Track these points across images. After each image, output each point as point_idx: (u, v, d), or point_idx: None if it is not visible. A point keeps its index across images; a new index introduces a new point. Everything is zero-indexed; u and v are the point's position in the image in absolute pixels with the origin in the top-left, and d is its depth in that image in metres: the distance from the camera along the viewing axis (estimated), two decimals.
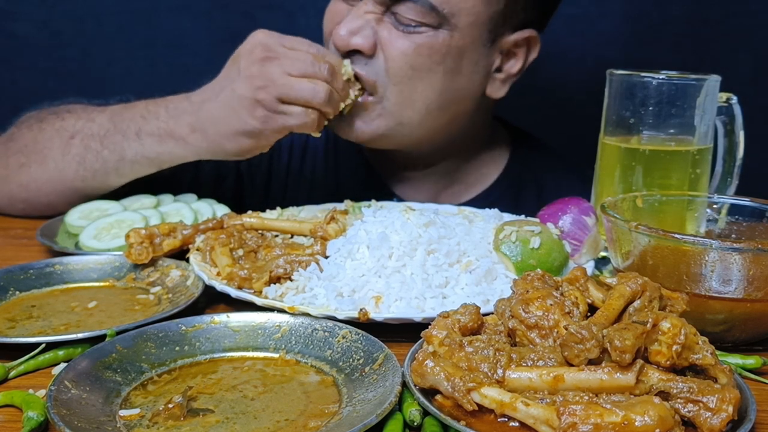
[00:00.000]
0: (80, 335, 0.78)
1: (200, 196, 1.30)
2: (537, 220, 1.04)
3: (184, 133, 1.19)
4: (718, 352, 0.69)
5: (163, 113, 1.21)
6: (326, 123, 1.22)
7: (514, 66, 1.35)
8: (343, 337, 0.79)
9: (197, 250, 1.02)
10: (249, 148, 1.19)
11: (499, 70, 1.34)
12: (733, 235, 0.99)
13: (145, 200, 1.26)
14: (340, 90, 1.19)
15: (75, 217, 1.20)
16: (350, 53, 1.24)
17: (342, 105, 1.21)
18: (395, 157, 1.44)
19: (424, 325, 0.74)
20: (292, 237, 1.07)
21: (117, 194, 1.28)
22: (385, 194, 1.44)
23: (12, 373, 0.75)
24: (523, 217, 1.10)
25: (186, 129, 1.19)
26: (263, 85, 1.12)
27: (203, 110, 1.17)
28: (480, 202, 1.44)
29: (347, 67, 1.21)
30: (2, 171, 1.32)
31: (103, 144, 1.24)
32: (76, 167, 1.26)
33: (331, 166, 1.53)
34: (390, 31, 1.23)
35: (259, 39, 1.14)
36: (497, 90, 1.36)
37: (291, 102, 1.13)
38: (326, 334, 0.80)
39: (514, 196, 1.48)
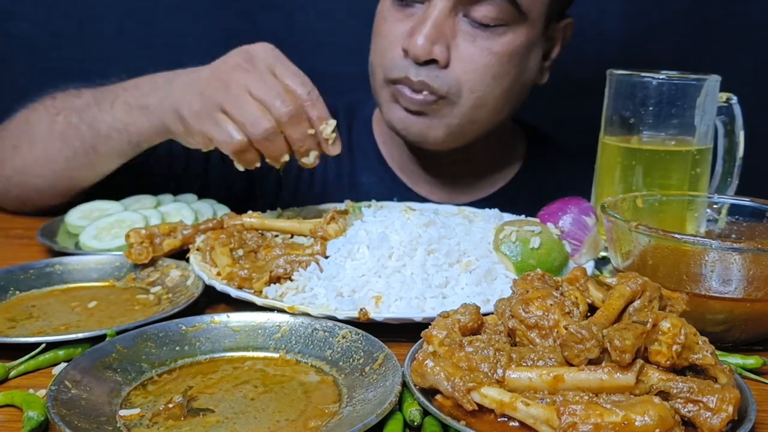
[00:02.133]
0: (80, 335, 0.78)
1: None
2: (537, 220, 1.04)
3: (153, 102, 1.13)
4: (718, 352, 0.69)
5: (146, 86, 1.16)
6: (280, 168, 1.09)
7: (555, 52, 1.36)
8: (343, 337, 0.79)
9: (197, 250, 1.02)
10: (181, 134, 1.11)
11: (545, 57, 1.35)
12: (733, 235, 0.99)
13: (145, 200, 1.26)
14: (295, 140, 1.03)
15: (75, 217, 1.20)
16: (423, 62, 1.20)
17: (284, 158, 1.05)
18: (429, 156, 1.38)
19: (424, 325, 0.74)
20: (292, 237, 1.07)
21: (117, 194, 1.28)
22: (407, 194, 1.41)
23: (12, 373, 0.75)
24: (523, 216, 1.10)
25: (156, 100, 1.13)
26: (217, 85, 1.04)
27: (173, 84, 1.12)
28: (499, 198, 1.42)
29: (327, 128, 1.03)
30: None
31: (81, 118, 1.20)
32: (60, 145, 1.22)
33: (346, 169, 1.48)
34: (466, 39, 1.19)
35: (257, 48, 1.07)
36: (543, 77, 1.37)
37: (229, 117, 1.03)
38: (326, 334, 0.80)
39: (532, 192, 1.44)
